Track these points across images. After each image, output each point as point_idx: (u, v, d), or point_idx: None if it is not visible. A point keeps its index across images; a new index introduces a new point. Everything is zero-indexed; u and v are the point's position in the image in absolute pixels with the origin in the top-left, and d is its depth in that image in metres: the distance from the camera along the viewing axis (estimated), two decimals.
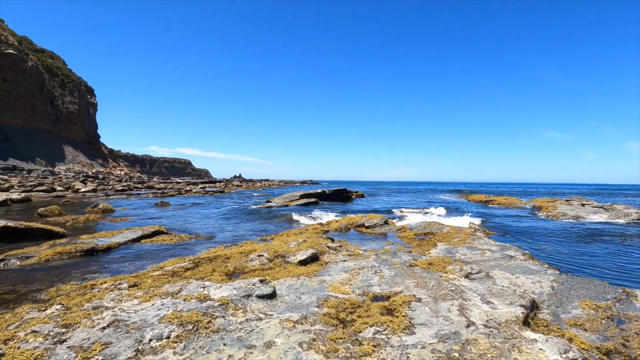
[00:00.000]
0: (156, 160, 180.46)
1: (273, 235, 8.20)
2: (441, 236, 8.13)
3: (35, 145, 57.95)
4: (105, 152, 78.81)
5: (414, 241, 7.59)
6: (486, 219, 13.16)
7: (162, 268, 4.73)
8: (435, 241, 7.49)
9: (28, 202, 18.54)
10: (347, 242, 7.24)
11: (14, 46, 56.36)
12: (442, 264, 4.96)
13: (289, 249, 5.56)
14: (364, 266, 4.77)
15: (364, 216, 11.11)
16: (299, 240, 6.09)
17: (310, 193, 21.01)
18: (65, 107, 66.88)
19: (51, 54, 71.39)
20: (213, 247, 6.79)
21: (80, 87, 71.44)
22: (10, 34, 59.29)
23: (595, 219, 12.76)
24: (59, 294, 3.80)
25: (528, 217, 14.17)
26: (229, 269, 4.60)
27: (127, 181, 48.10)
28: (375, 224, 9.52)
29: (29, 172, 48.92)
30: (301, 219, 12.52)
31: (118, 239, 7.27)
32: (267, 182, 71.42)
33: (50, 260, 5.62)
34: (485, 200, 24.74)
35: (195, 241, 7.75)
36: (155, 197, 24.64)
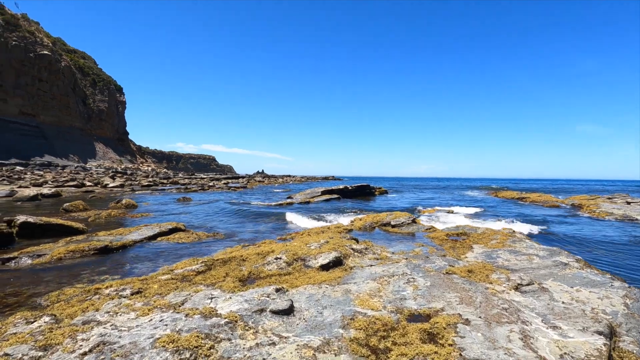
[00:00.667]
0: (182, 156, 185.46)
1: (293, 234, 7.75)
2: (476, 237, 7.40)
3: (68, 142, 60.56)
4: (134, 149, 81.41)
5: (446, 243, 6.92)
6: (523, 219, 12.19)
7: (173, 271, 4.35)
8: (471, 243, 6.79)
9: (58, 197, 19.07)
10: (372, 243, 6.67)
11: (49, 47, 58.89)
12: (484, 272, 4.31)
13: (310, 251, 5.07)
14: (394, 273, 4.21)
15: (390, 214, 10.47)
16: (321, 241, 5.59)
17: (332, 189, 20.49)
18: (96, 106, 69.48)
19: (83, 54, 74.24)
20: (230, 247, 6.41)
21: (110, 86, 73.94)
22: (45, 35, 62.02)
23: None
24: (60, 299, 3.48)
25: (569, 216, 13.04)
26: (243, 274, 4.16)
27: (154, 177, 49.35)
28: (402, 222, 8.89)
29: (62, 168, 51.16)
30: (323, 216, 12.03)
31: (134, 236, 7.03)
32: (289, 178, 71.49)
33: (63, 259, 5.40)
34: (517, 197, 23.35)
35: (212, 240, 7.41)
36: (178, 192, 24.90)
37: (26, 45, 54.63)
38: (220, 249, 6.29)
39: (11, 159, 47.74)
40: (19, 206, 14.00)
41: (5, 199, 16.41)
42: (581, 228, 9.88)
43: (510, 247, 6.14)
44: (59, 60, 60.78)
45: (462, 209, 14.91)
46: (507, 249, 5.98)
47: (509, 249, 6.02)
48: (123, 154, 73.96)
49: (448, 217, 11.00)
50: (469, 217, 10.90)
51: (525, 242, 6.72)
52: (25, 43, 54.50)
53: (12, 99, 52.31)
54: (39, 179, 31.40)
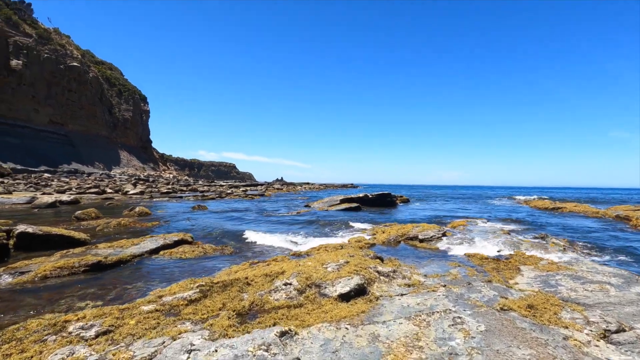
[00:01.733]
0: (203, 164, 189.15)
1: (308, 249, 6.92)
2: (520, 255, 6.35)
3: (95, 150, 62.47)
4: (156, 156, 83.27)
5: (487, 262, 5.90)
6: (565, 232, 10.89)
7: (161, 298, 3.62)
8: (516, 263, 5.75)
9: (76, 204, 19.07)
10: (399, 261, 5.75)
11: (78, 59, 61.32)
12: (550, 308, 3.34)
13: (326, 274, 4.23)
14: (432, 307, 3.31)
15: (416, 226, 9.48)
16: (340, 261, 4.74)
17: (351, 197, 19.58)
18: (121, 115, 71.62)
19: (110, 66, 77.03)
20: (236, 265, 5.65)
21: (135, 96, 76.19)
22: (75, 48, 64.72)
23: None
24: (14, 337, 2.79)
25: (618, 230, 11.59)
26: (244, 305, 3.37)
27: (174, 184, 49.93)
28: (431, 236, 7.90)
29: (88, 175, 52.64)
30: (342, 227, 11.15)
31: (134, 249, 6.40)
32: (307, 185, 70.92)
33: (48, 277, 4.79)
34: (552, 207, 21.64)
35: (219, 254, 6.69)
36: (195, 200, 24.63)
37: (57, 58, 57.05)
38: (226, 267, 5.55)
39: (40, 166, 49.50)
40: (35, 213, 13.87)
41: (24, 206, 16.44)
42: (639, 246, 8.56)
43: (569, 270, 5.08)
44: (87, 72, 63.14)
45: (496, 221, 13.65)
46: (566, 273, 4.92)
47: (568, 272, 4.96)
48: (146, 161, 75.68)
49: (480, 229, 9.88)
50: (504, 230, 9.75)
51: (584, 263, 5.62)
52: (56, 55, 56.94)
53: (43, 108, 54.52)
54: (64, 185, 32.08)
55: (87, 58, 68.03)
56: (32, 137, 52.13)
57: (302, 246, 7.50)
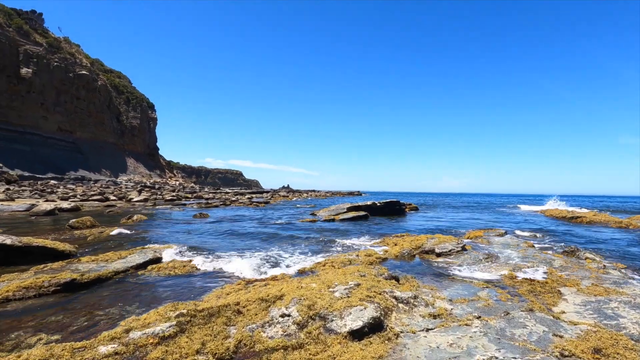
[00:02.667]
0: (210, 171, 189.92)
1: (312, 265, 6.18)
2: (556, 275, 5.53)
3: (102, 157, 62.70)
4: (163, 164, 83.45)
5: (519, 283, 5.10)
6: (593, 245, 9.97)
7: (128, 333, 2.92)
8: (554, 284, 4.94)
9: (77, 212, 18.60)
10: (418, 282, 4.99)
11: (87, 68, 61.98)
12: (625, 354, 2.56)
13: (333, 301, 3.49)
14: (470, 351, 2.55)
15: (431, 238, 8.68)
16: (349, 284, 3.99)
17: (359, 205, 18.79)
18: (129, 122, 72.04)
19: (119, 74, 77.84)
20: (230, 283, 4.94)
21: (143, 104, 76.72)
22: (84, 57, 65.52)
23: None
24: None
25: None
26: (228, 347, 2.65)
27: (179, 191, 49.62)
28: (449, 250, 7.10)
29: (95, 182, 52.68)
30: (350, 238, 10.39)
31: (119, 264, 5.74)
32: (313, 193, 70.20)
33: (9, 299, 4.12)
34: (570, 216, 20.56)
35: (212, 270, 5.98)
36: (199, 207, 24.07)
37: (67, 66, 57.67)
38: (218, 286, 4.84)
39: (48, 173, 49.62)
40: (32, 221, 13.37)
41: (23, 213, 15.99)
42: None
43: (622, 295, 4.26)
44: (96, 80, 63.74)
45: (514, 232, 12.76)
46: (622, 299, 4.10)
47: (623, 298, 4.15)
48: (153, 168, 75.81)
49: (500, 241, 9.03)
50: (528, 242, 8.89)
51: (634, 284, 4.80)
52: (65, 64, 57.56)
53: (52, 116, 54.92)
54: (69, 192, 31.84)
55: (96, 66, 68.78)
56: (41, 144, 52.44)
57: (306, 262, 6.76)
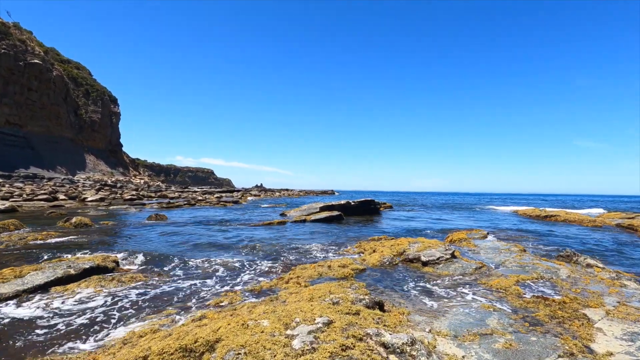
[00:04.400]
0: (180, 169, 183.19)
1: (273, 282, 4.90)
2: (570, 290, 4.58)
3: (57, 153, 57.92)
4: (127, 161, 78.76)
5: (532, 304, 4.05)
6: (579, 246, 9.35)
7: None
8: (576, 305, 3.94)
9: (12, 213, 16.26)
10: (409, 308, 3.85)
11: (40, 56, 56.96)
12: None
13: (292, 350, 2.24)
14: None
15: (413, 242, 7.63)
16: (317, 322, 2.75)
17: (332, 204, 17.65)
18: (88, 116, 67.16)
19: (77, 65, 72.48)
20: (154, 313, 3.57)
21: (104, 97, 71.89)
22: (37, 44, 60.25)
23: None
24: None
25: (635, 243, 10.19)
26: None
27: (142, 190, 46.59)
28: (437, 258, 6.04)
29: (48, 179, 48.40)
30: (322, 242, 9.18)
31: (9, 287, 4.20)
32: (286, 192, 68.62)
33: None
34: (544, 215, 20.48)
35: (143, 290, 4.54)
36: (159, 208, 22.06)
37: (16, 54, 52.63)
38: (137, 321, 3.46)
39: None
40: None
41: None
42: None
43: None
44: (51, 70, 58.75)
45: (497, 233, 12.05)
46: None
47: None
48: (115, 166, 71.25)
49: (487, 245, 8.15)
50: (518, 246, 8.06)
51: None
52: (15, 52, 52.52)
53: None
54: (15, 191, 28.59)
55: (51, 56, 63.49)
56: None
57: (267, 276, 5.46)
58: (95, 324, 3.43)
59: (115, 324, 3.42)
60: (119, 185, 51.17)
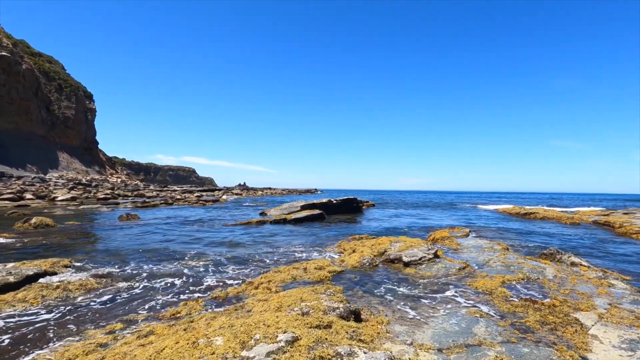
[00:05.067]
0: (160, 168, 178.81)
1: (241, 288, 4.45)
2: (558, 292, 4.33)
3: (28, 150, 55.15)
4: (103, 159, 76.00)
5: (522, 309, 3.76)
6: (564, 244, 9.29)
7: None
8: (566, 308, 3.67)
9: None
10: (388, 317, 3.48)
11: (8, 49, 54.05)
12: None
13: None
14: None
15: (395, 241, 7.31)
16: (279, 339, 2.33)
17: (314, 203, 17.24)
18: (61, 112, 64.33)
19: (49, 58, 69.31)
20: (97, 328, 3.07)
21: (78, 92, 69.05)
22: (5, 36, 57.14)
23: None
24: None
25: (614, 240, 10.23)
26: None
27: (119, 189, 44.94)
28: (420, 258, 5.72)
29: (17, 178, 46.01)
30: (301, 243, 8.77)
31: None
32: (269, 191, 67.80)
33: None
34: (523, 212, 20.70)
35: (88, 301, 4.00)
36: (133, 207, 21.11)
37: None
38: (77, 335, 2.95)
39: None
40: None
41: None
42: None
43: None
44: (20, 63, 55.84)
45: (480, 231, 11.93)
46: None
47: None
48: (91, 164, 68.59)
49: (471, 244, 7.94)
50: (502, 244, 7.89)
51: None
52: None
53: None
54: None
55: (21, 48, 60.35)
56: None
57: (236, 279, 5.00)
58: (21, 343, 2.90)
59: (45, 343, 2.89)
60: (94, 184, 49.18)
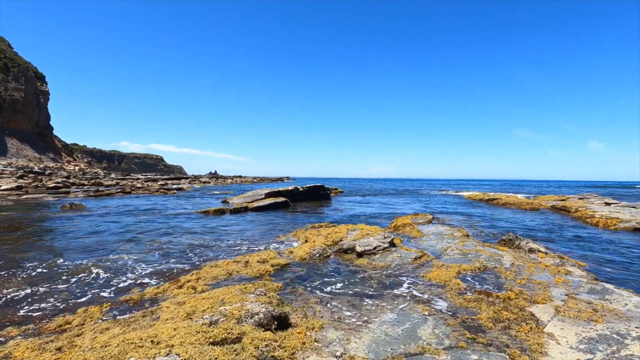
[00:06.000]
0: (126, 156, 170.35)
1: (164, 287, 3.81)
2: (515, 282, 4.02)
3: None
4: (59, 146, 70.96)
5: (475, 303, 3.39)
6: (524, 230, 9.27)
7: None
8: (521, 302, 3.33)
9: None
10: (322, 319, 2.98)
11: None
12: None
13: None
14: None
15: (352, 229, 6.87)
16: None
17: (278, 191, 16.60)
18: (8, 95, 58.94)
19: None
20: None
21: (28, 73, 63.49)
22: None
23: None
24: None
25: (571, 225, 10.38)
26: None
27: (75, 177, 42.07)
28: (374, 248, 5.29)
29: None
30: (255, 231, 8.16)
31: None
32: (239, 179, 66.19)
33: None
34: (487, 198, 21.11)
35: None
36: (85, 197, 19.57)
37: None
38: None
39: None
40: None
41: None
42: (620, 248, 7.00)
43: (619, 317, 2.76)
44: None
45: (444, 217, 11.80)
46: (630, 327, 2.57)
47: (630, 325, 2.63)
48: (45, 151, 63.78)
49: (432, 231, 7.67)
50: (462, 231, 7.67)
51: (615, 292, 3.45)
52: None
53: None
54: None
55: None
56: None
57: (162, 277, 4.34)
58: None
59: None
60: (47, 172, 45.74)
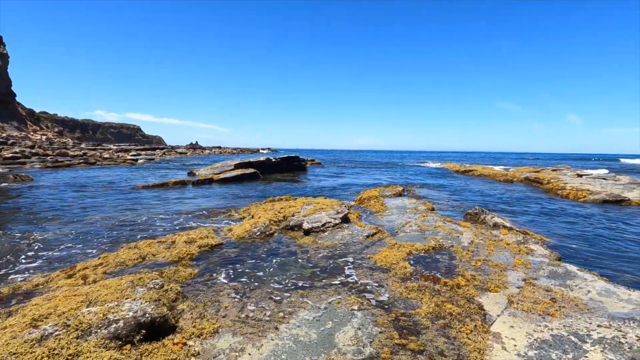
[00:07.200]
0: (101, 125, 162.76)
1: (57, 273, 3.15)
2: (469, 265, 3.56)
3: None
4: (23, 114, 66.55)
5: (418, 292, 2.89)
6: (494, 202, 8.95)
7: None
8: (471, 291, 2.85)
9: None
10: (220, 320, 2.40)
11: None
12: None
13: None
14: None
15: (308, 203, 6.29)
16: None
17: (249, 162, 15.79)
18: None
19: None
20: None
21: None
22: None
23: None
24: None
25: (542, 198, 10.16)
26: None
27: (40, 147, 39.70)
28: (323, 224, 4.73)
29: None
30: (209, 206, 7.49)
31: None
32: (218, 150, 64.44)
33: None
34: (463, 170, 20.94)
35: None
36: (43, 168, 18.23)
37: None
38: None
39: None
40: None
41: None
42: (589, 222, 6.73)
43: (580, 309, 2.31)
44: None
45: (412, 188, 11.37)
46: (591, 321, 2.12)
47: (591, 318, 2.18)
48: (6, 119, 59.69)
49: (398, 205, 7.19)
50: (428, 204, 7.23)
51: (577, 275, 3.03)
52: None
53: None
54: None
55: None
56: None
57: (50, 268, 3.67)
58: None
59: None
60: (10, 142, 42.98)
